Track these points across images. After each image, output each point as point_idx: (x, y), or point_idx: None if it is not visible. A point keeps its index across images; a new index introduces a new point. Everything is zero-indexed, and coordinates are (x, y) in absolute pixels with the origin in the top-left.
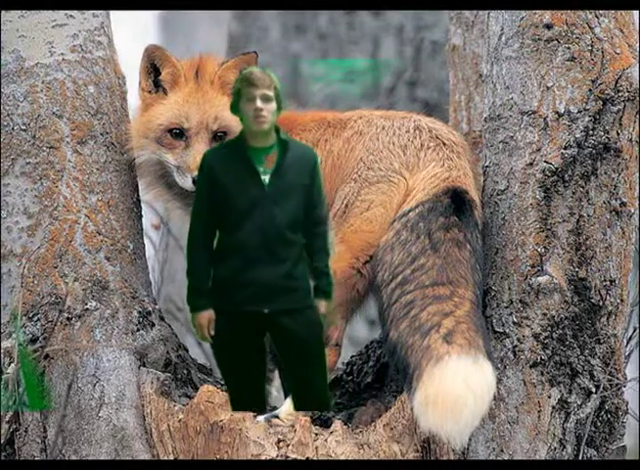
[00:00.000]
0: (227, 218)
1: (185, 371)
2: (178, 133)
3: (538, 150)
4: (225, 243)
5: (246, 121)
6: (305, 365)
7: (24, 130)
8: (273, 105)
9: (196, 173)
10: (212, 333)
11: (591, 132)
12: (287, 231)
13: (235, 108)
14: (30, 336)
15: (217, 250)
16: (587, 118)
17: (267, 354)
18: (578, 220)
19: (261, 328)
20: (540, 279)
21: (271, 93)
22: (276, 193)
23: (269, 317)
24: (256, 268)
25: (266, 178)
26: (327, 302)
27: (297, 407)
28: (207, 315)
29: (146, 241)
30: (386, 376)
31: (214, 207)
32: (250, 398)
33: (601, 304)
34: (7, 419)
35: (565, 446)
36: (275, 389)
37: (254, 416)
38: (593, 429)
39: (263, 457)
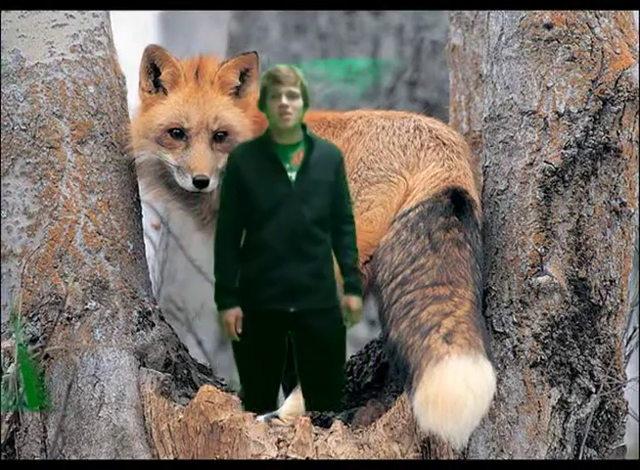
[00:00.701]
0: (254, 216)
1: (185, 371)
2: (178, 133)
3: (538, 150)
4: (252, 241)
5: (272, 119)
6: (325, 365)
7: (24, 130)
8: (299, 102)
9: (196, 173)
10: (240, 331)
11: (591, 132)
12: (314, 228)
13: (262, 105)
14: (30, 336)
15: (244, 248)
16: (587, 118)
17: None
18: (578, 220)
19: (286, 327)
20: (540, 279)
21: (297, 90)
22: (303, 190)
23: (295, 316)
24: (283, 266)
25: (293, 175)
26: (358, 298)
27: (309, 407)
28: (235, 313)
29: (146, 241)
30: (386, 376)
31: (241, 205)
32: (264, 397)
33: (601, 304)
34: (7, 419)
35: (565, 446)
36: None
37: (254, 416)
38: (593, 429)
39: (263, 457)
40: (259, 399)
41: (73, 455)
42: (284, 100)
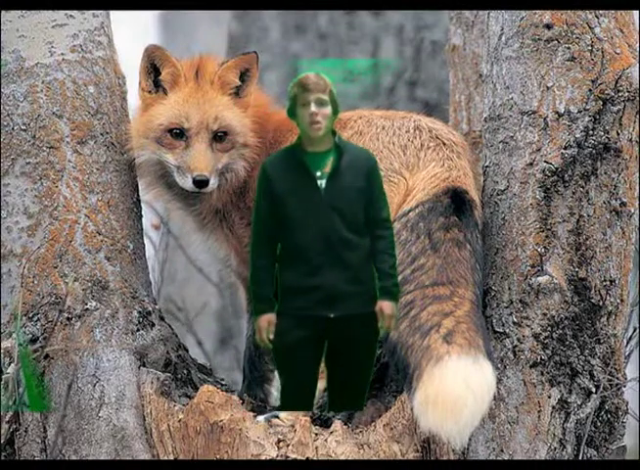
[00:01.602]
0: (287, 225)
1: (185, 371)
2: (178, 133)
3: (538, 150)
4: (288, 249)
5: (302, 127)
6: (356, 369)
7: (24, 130)
8: (328, 109)
9: (196, 173)
10: (271, 337)
11: (591, 132)
12: (349, 234)
13: (291, 113)
14: (30, 336)
15: (282, 256)
16: (587, 118)
17: (262, 356)
18: (578, 220)
19: (323, 333)
20: (540, 279)
21: (326, 97)
22: (333, 197)
23: (334, 322)
24: (320, 274)
25: (322, 183)
26: (392, 303)
27: (333, 408)
28: (267, 318)
29: (146, 241)
30: (386, 376)
31: (274, 214)
32: (302, 398)
33: (601, 304)
34: (7, 419)
35: (565, 446)
36: (275, 389)
37: (254, 416)
38: (593, 429)
39: (263, 457)
40: (296, 401)
41: (73, 455)
42: (313, 107)
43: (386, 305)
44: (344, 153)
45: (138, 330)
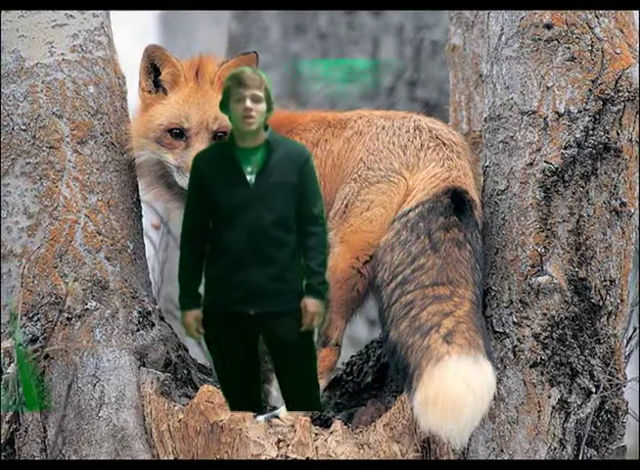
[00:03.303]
0: (215, 219)
1: (185, 371)
2: (178, 133)
3: (538, 150)
4: (215, 244)
5: (234, 121)
6: (293, 367)
7: (24, 130)
8: (263, 105)
9: None
10: (202, 331)
11: (591, 132)
12: (275, 231)
13: (224, 107)
14: (30, 336)
15: (210, 250)
16: (587, 118)
17: (260, 356)
18: (578, 220)
19: (249, 330)
20: (540, 279)
21: (261, 93)
22: (262, 193)
23: (256, 319)
24: (244, 269)
25: (252, 178)
26: (317, 300)
27: (289, 408)
28: (194, 314)
29: (146, 241)
30: (386, 376)
31: (203, 208)
32: (243, 398)
33: (601, 304)
34: (7, 419)
35: (565, 446)
36: (275, 389)
37: (254, 416)
38: (593, 429)
39: (263, 457)
40: (238, 400)
41: (73, 455)
42: (248, 103)
43: (310, 303)
44: (276, 148)
45: (138, 330)
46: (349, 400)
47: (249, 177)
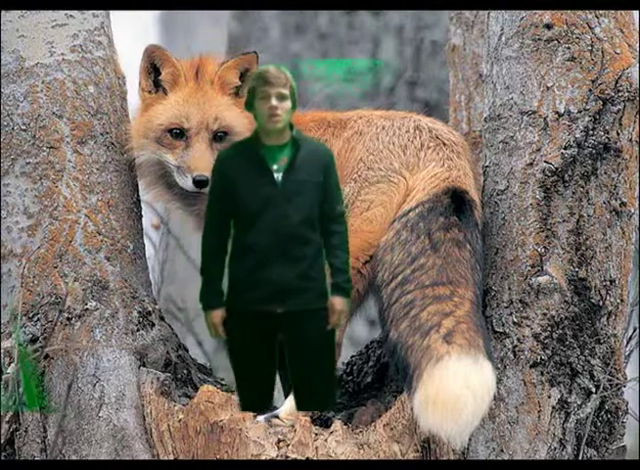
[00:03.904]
0: (240, 218)
1: (185, 371)
2: (178, 133)
3: (538, 150)
4: (239, 242)
5: (260, 120)
6: (312, 366)
7: (24, 130)
8: (288, 103)
9: (196, 173)
10: (224, 331)
11: (591, 132)
12: (301, 229)
13: (249, 105)
14: (30, 336)
15: (233, 249)
16: (587, 118)
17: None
18: (578, 220)
19: (273, 328)
20: (540, 279)
21: (286, 91)
22: (288, 191)
23: (281, 317)
24: (270, 268)
25: (279, 176)
26: (343, 299)
27: (300, 407)
28: (220, 314)
29: (146, 241)
30: (386, 376)
31: (228, 206)
32: (258, 398)
33: (601, 304)
34: (7, 419)
35: (565, 446)
36: (275, 389)
37: (254, 416)
38: (593, 429)
39: (263, 457)
40: (253, 401)
41: (73, 455)
42: (273, 101)
43: (337, 301)
44: (302, 147)
45: (138, 330)
46: (349, 400)
47: (275, 175)
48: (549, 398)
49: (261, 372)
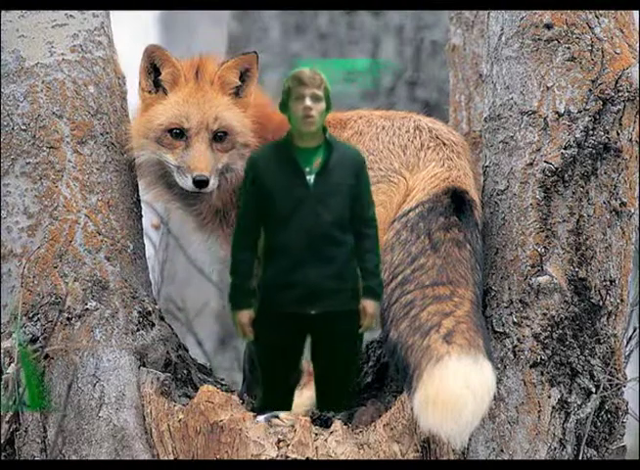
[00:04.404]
0: (273, 219)
1: (185, 371)
2: (178, 133)
3: (538, 150)
4: (272, 244)
5: (294, 121)
6: (339, 366)
7: (24, 130)
8: (322, 105)
9: (196, 173)
10: (252, 331)
11: (591, 132)
12: (333, 231)
13: (284, 107)
14: (30, 336)
15: (265, 250)
16: (587, 118)
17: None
18: (578, 220)
19: (304, 329)
20: (540, 279)
21: (321, 93)
22: (321, 193)
23: (314, 318)
24: (304, 269)
25: (311, 178)
26: (375, 302)
27: (320, 407)
28: (248, 314)
29: (146, 241)
30: (386, 376)
31: (259, 207)
32: (281, 398)
33: (601, 304)
34: (7, 419)
35: (565, 446)
36: None
37: (254, 416)
38: (593, 429)
39: (263, 457)
40: (276, 400)
41: (73, 455)
42: (308, 102)
43: (369, 304)
44: (335, 150)
45: (138, 330)
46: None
47: (308, 177)
48: (549, 398)
49: (289, 372)
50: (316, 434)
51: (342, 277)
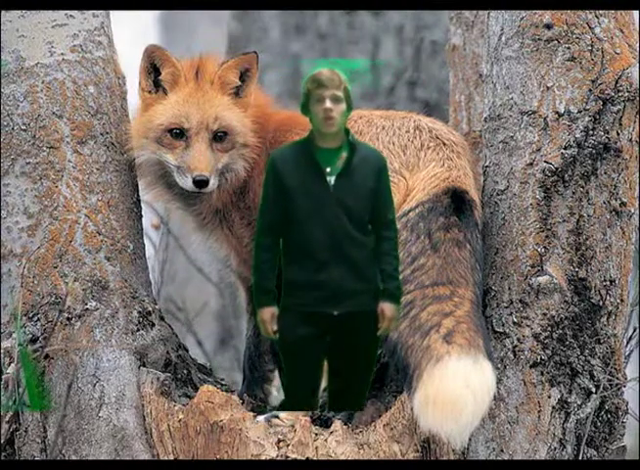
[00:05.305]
0: (292, 218)
1: (185, 371)
2: (178, 133)
3: (538, 150)
4: (293, 244)
5: (315, 122)
6: (357, 367)
7: (24, 130)
8: (343, 106)
9: (196, 173)
10: (275, 328)
11: (591, 132)
12: (355, 232)
13: (305, 109)
14: (30, 336)
15: (286, 250)
16: (587, 118)
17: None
18: (578, 220)
19: (326, 329)
20: (540, 279)
21: (341, 94)
22: (342, 194)
23: (338, 319)
24: (327, 269)
25: (332, 179)
26: (394, 305)
27: (333, 408)
28: (270, 311)
29: (146, 241)
30: (386, 376)
31: (280, 207)
32: (305, 397)
33: (601, 304)
34: (7, 419)
35: (565, 446)
36: (275, 389)
37: (254, 416)
38: (593, 429)
39: (263, 457)
40: (299, 399)
41: (73, 455)
42: (328, 103)
43: (387, 307)
44: (356, 151)
45: (138, 330)
46: None
47: (328, 178)
48: (549, 398)
49: (311, 372)
50: (316, 434)
51: (364, 277)
